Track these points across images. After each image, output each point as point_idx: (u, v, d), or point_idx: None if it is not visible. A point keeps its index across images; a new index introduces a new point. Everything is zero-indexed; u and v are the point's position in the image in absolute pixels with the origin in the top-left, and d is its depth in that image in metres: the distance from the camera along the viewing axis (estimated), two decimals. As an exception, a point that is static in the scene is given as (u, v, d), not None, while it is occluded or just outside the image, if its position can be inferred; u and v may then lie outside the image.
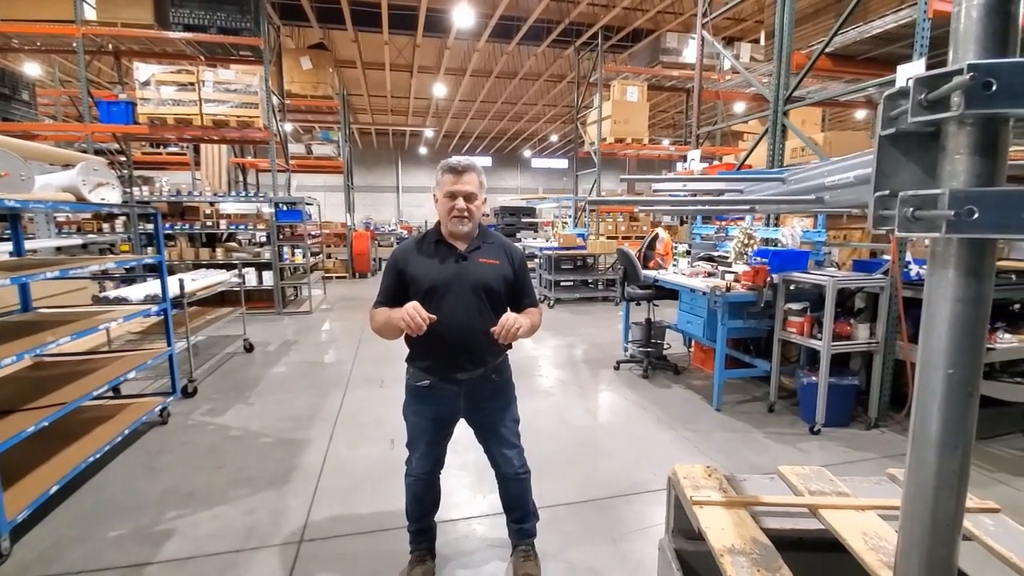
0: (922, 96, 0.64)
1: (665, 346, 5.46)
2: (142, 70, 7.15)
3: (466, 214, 1.94)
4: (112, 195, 3.40)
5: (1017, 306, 4.26)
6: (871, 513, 1.16)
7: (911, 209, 0.64)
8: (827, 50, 4.40)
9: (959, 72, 0.60)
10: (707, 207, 2.05)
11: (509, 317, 1.86)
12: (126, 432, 3.32)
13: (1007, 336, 3.78)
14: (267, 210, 8.02)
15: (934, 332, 0.69)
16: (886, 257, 4.03)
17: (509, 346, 2.04)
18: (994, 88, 0.59)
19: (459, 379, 2.02)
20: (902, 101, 0.68)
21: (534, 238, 12.22)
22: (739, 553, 1.02)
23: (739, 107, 11.41)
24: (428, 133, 22.94)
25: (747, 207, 1.11)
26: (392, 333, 1.94)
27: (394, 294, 2.01)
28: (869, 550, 1.02)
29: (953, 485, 0.69)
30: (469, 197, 1.94)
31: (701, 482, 1.28)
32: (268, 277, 7.97)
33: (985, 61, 0.60)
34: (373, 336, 2.07)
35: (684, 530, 1.28)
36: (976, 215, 0.60)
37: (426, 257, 2.00)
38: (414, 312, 1.79)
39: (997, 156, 0.64)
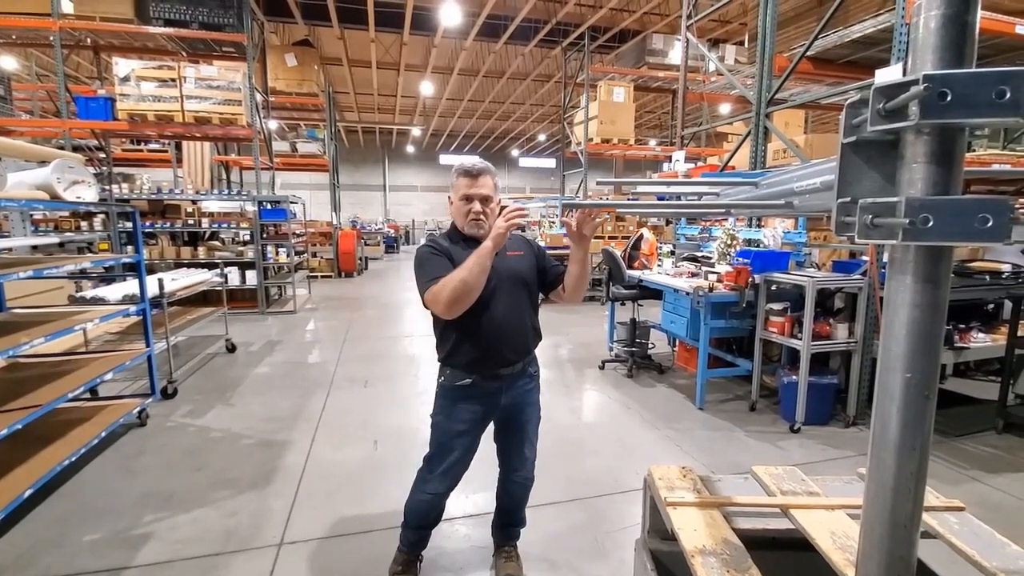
0: (881, 105, 0.65)
1: (650, 345, 5.50)
2: (122, 65, 7.02)
3: (482, 217, 1.94)
4: (88, 193, 3.33)
5: (991, 306, 4.36)
6: (840, 512, 1.18)
7: (870, 216, 0.66)
8: (808, 53, 4.46)
9: (915, 82, 0.61)
10: (682, 210, 2.07)
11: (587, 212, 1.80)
12: (103, 434, 3.27)
13: (981, 335, 3.87)
14: (250, 208, 7.93)
15: (893, 337, 0.70)
16: (865, 258, 4.10)
17: (540, 338, 2.09)
18: (949, 98, 0.60)
19: (502, 375, 2.00)
20: (863, 109, 0.69)
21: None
22: (710, 554, 1.03)
23: (725, 108, 11.54)
24: (415, 131, 22.85)
25: (722, 211, 1.12)
26: (479, 277, 1.76)
27: (449, 269, 1.87)
28: (837, 549, 1.04)
29: (911, 487, 0.70)
30: (485, 200, 1.94)
31: (676, 483, 1.29)
32: (251, 276, 7.88)
33: (940, 72, 0.61)
34: (358, 335, 2.05)
35: (660, 530, 1.29)
36: (931, 223, 0.61)
37: (462, 250, 1.94)
38: (506, 215, 1.70)
39: (953, 165, 0.65)
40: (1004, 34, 3.89)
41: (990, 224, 0.60)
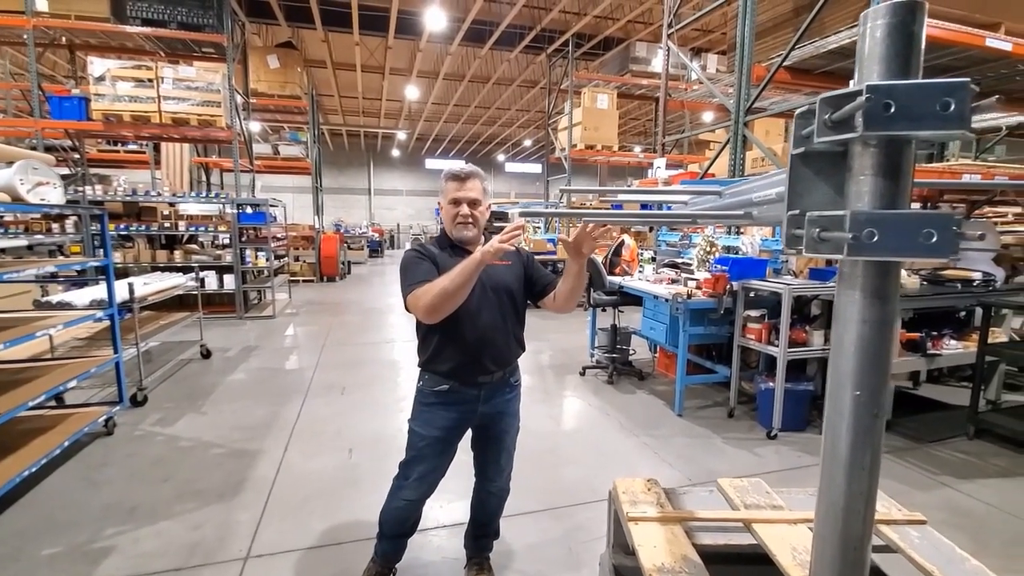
0: (827, 116, 0.63)
1: (631, 352, 5.50)
2: (97, 64, 6.89)
3: (470, 220, 1.93)
4: (53, 195, 3.24)
5: (963, 313, 4.43)
6: (802, 527, 1.17)
7: (817, 230, 0.64)
8: (786, 63, 4.52)
9: (860, 93, 0.59)
10: (648, 219, 2.06)
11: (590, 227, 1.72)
12: (66, 444, 3.16)
13: (953, 342, 3.93)
14: (229, 211, 7.80)
15: (842, 353, 0.69)
16: (840, 266, 4.14)
17: (523, 349, 2.08)
18: (892, 110, 0.59)
19: (480, 382, 1.98)
20: (812, 120, 0.67)
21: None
22: (668, 572, 1.00)
23: (708, 116, 11.65)
24: (401, 135, 22.76)
25: (688, 220, 1.11)
26: (460, 289, 1.70)
27: (434, 275, 1.84)
28: (796, 565, 1.02)
29: (860, 508, 0.68)
30: (473, 203, 1.93)
31: (639, 496, 1.27)
32: (230, 280, 7.74)
33: (884, 83, 0.60)
34: (337, 341, 2.01)
35: (623, 545, 1.27)
36: (876, 238, 0.60)
37: (449, 257, 1.94)
38: (503, 235, 1.60)
39: (900, 177, 0.64)
40: (975, 47, 3.98)
41: (935, 239, 0.58)
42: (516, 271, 2.05)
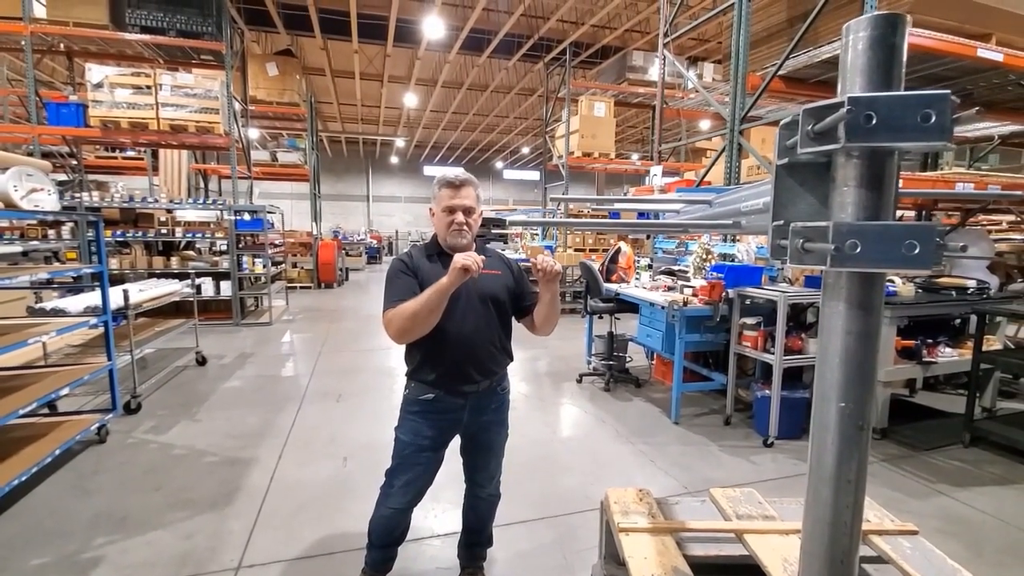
0: (810, 127, 0.63)
1: (628, 359, 5.49)
2: (95, 71, 6.90)
3: (465, 227, 1.93)
4: (47, 201, 3.23)
5: (958, 321, 4.44)
6: (794, 537, 1.16)
7: (801, 241, 0.64)
8: (781, 73, 4.54)
9: (841, 104, 0.59)
10: (636, 229, 2.06)
11: (546, 260, 1.84)
12: (57, 452, 3.13)
13: (948, 350, 3.94)
14: (227, 217, 7.79)
15: (827, 364, 0.68)
16: (836, 273, 4.14)
17: (511, 358, 2.06)
18: (874, 121, 0.59)
19: (465, 392, 1.97)
20: (797, 131, 0.67)
21: (503, 249, 12.20)
22: (658, 584, 1.00)
23: (705, 124, 11.72)
24: (399, 143, 22.82)
25: (679, 229, 1.11)
26: (431, 314, 1.77)
27: (413, 292, 1.87)
28: (787, 577, 1.01)
29: (847, 521, 0.68)
30: (468, 211, 1.93)
31: (631, 507, 1.26)
32: (226, 287, 7.72)
33: (865, 95, 0.60)
34: (334, 348, 2.01)
35: (615, 556, 1.26)
36: (859, 249, 0.59)
37: (434, 266, 1.95)
38: (470, 254, 1.69)
39: (883, 189, 0.64)
40: (966, 57, 4.01)
41: (917, 251, 0.58)
42: (505, 281, 2.04)
